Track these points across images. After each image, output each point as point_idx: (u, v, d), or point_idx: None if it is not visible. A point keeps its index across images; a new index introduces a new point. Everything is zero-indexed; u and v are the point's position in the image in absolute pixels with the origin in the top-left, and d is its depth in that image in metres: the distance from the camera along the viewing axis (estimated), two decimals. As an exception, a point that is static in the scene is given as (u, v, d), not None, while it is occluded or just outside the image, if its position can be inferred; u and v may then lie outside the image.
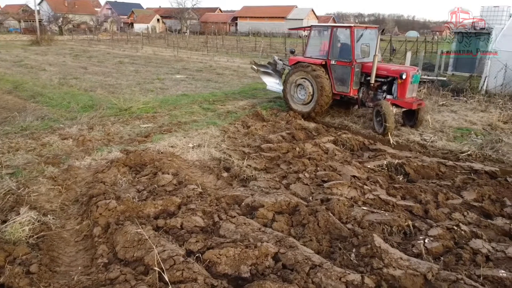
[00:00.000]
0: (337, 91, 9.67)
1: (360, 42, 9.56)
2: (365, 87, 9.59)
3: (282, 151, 7.11)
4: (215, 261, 3.87)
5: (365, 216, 4.83)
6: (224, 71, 21.36)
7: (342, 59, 9.41)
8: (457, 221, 4.79)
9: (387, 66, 9.40)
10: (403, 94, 8.79)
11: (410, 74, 8.72)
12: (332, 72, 9.61)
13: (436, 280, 3.59)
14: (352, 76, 9.26)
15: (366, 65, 9.36)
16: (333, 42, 9.58)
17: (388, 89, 9.24)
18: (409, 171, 6.54)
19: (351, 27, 9.19)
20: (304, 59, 10.09)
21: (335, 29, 9.57)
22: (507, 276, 3.72)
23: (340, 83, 9.58)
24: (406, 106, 8.81)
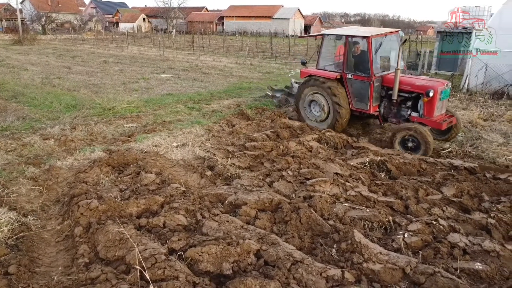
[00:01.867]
0: (355, 108, 8.60)
1: (379, 53, 8.46)
2: (386, 102, 8.50)
3: (266, 149, 7.15)
4: (197, 259, 3.88)
5: (346, 212, 4.89)
6: (210, 70, 21.30)
7: (360, 73, 8.29)
8: (436, 216, 4.89)
9: (411, 80, 8.16)
10: (431, 113, 7.75)
11: (438, 90, 7.63)
12: (349, 87, 8.51)
13: (415, 274, 3.67)
14: (371, 92, 8.16)
15: (387, 77, 8.31)
16: (348, 53, 8.42)
17: (413, 105, 8.17)
18: (391, 168, 6.64)
19: (368, 37, 7.95)
20: (317, 72, 9.01)
21: (350, 38, 8.37)
22: (482, 268, 3.81)
23: (358, 99, 8.52)
24: (435, 126, 7.86)
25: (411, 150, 7.55)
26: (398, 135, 7.70)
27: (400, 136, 7.68)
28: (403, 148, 7.69)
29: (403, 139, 7.66)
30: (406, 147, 7.64)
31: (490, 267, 3.82)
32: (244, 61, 25.73)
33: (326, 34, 9.12)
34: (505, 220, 4.84)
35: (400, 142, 7.70)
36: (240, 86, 15.87)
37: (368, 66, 8.07)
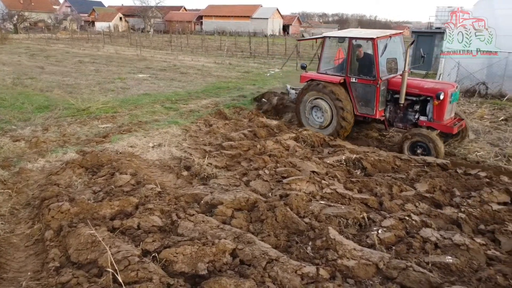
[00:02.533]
0: (360, 113, 8.25)
1: (385, 56, 8.05)
2: (392, 106, 8.18)
3: (243, 148, 7.14)
4: (171, 259, 3.83)
5: (322, 210, 4.93)
6: (188, 70, 21.13)
7: (365, 77, 7.96)
8: (409, 211, 4.99)
9: (420, 83, 7.87)
10: (441, 117, 7.47)
11: (449, 93, 7.36)
12: (353, 91, 8.16)
13: (387, 269, 3.73)
14: (377, 96, 7.82)
15: (393, 80, 8.00)
16: (352, 56, 8.11)
17: (421, 109, 7.86)
18: (366, 165, 6.73)
19: (373, 39, 7.61)
20: (319, 76, 8.61)
21: (353, 41, 8.00)
22: (453, 261, 3.91)
23: (363, 103, 8.16)
24: (446, 131, 7.58)
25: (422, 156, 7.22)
26: (407, 141, 7.45)
27: (410, 143, 7.42)
28: (413, 154, 7.38)
29: (413, 145, 7.42)
30: (415, 153, 7.38)
31: (460, 260, 3.92)
32: (222, 61, 25.63)
33: (327, 37, 8.75)
34: (475, 214, 4.98)
35: (410, 148, 7.46)
36: (219, 85, 15.79)
37: (374, 69, 7.74)
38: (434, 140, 7.09)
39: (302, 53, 30.24)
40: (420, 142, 7.28)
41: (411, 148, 7.44)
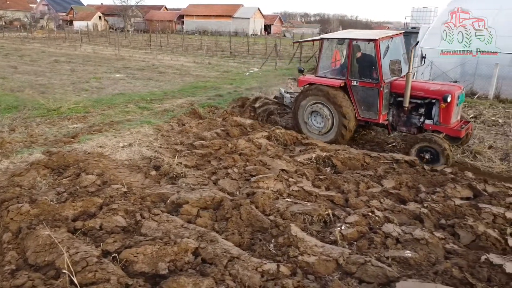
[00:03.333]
0: (362, 117, 7.94)
1: (388, 57, 7.80)
2: (394, 109, 7.91)
3: (214, 147, 7.12)
4: (132, 260, 3.79)
5: (288, 207, 4.96)
6: (167, 69, 20.96)
7: (367, 80, 7.66)
8: (373, 208, 5.06)
9: (425, 86, 7.62)
10: (448, 120, 7.24)
11: (456, 95, 7.12)
12: (354, 95, 7.85)
13: (347, 264, 3.78)
14: (380, 99, 7.52)
15: (395, 83, 7.72)
16: (352, 58, 7.81)
17: (426, 112, 7.61)
18: (336, 163, 6.81)
19: (375, 40, 7.31)
20: (317, 79, 8.23)
21: (354, 42, 7.68)
22: (411, 256, 3.99)
23: (365, 107, 7.84)
24: (454, 134, 7.32)
25: (429, 163, 6.96)
26: (414, 147, 7.15)
27: (417, 148, 7.13)
28: (420, 160, 7.06)
29: (420, 151, 7.12)
30: (422, 158, 7.06)
31: (418, 254, 4.00)
32: (202, 60, 25.51)
33: (326, 39, 8.34)
34: (437, 210, 5.09)
35: (417, 153, 7.15)
36: (196, 85, 15.71)
37: (377, 72, 7.44)
38: (445, 147, 6.78)
39: (282, 53, 30.42)
40: (429, 148, 6.99)
41: (418, 154, 7.14)
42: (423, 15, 21.44)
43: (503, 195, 5.55)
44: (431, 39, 15.79)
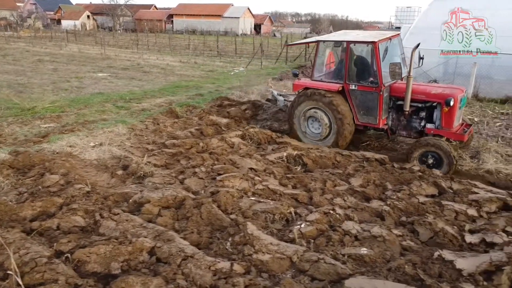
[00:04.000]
0: (361, 122, 7.69)
1: (387, 60, 7.47)
2: (394, 113, 7.69)
3: (185, 147, 7.09)
4: (84, 260, 3.75)
5: (252, 206, 4.95)
6: (151, 69, 20.86)
7: (366, 84, 7.42)
8: (337, 205, 5.08)
9: (426, 89, 7.36)
10: (450, 124, 7.04)
11: (458, 98, 6.93)
12: (353, 99, 7.59)
13: (301, 262, 3.79)
14: (380, 104, 7.29)
15: (395, 86, 7.51)
16: (350, 61, 7.57)
17: (427, 116, 7.41)
18: (307, 162, 6.82)
19: (374, 42, 7.07)
20: (314, 83, 7.92)
21: (352, 45, 7.44)
22: (367, 253, 4.01)
23: (364, 112, 7.59)
24: (455, 139, 7.15)
25: (432, 167, 6.73)
26: (416, 152, 6.92)
27: (419, 153, 6.90)
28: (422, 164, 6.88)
29: (423, 155, 6.89)
30: (424, 163, 6.86)
31: (374, 252, 4.03)
32: (188, 60, 25.43)
33: (322, 41, 8.01)
34: (399, 207, 5.12)
35: (419, 159, 6.93)
36: (179, 84, 15.65)
37: (376, 75, 7.19)
38: (450, 152, 6.56)
39: (270, 52, 30.46)
40: (433, 153, 6.77)
41: (421, 159, 6.92)
42: (407, 15, 21.61)
43: (467, 193, 5.60)
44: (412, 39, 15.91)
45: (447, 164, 6.65)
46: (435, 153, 6.74)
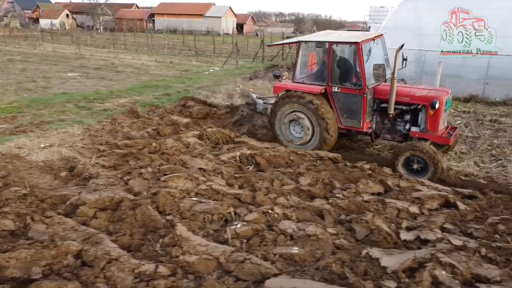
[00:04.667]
0: (344, 126, 7.46)
1: (371, 61, 7.29)
2: (378, 116, 7.47)
3: (138, 147, 6.99)
4: (3, 265, 3.64)
5: (192, 206, 4.90)
6: (125, 68, 20.61)
7: (349, 86, 7.21)
8: (280, 205, 5.06)
9: (410, 91, 7.13)
10: (436, 127, 6.84)
11: (444, 101, 6.75)
12: (336, 102, 7.34)
13: (227, 262, 3.75)
14: (364, 106, 7.05)
15: (379, 88, 7.24)
16: (333, 63, 7.29)
17: (412, 119, 7.19)
18: (259, 161, 6.80)
19: (357, 43, 6.79)
20: (295, 86, 7.63)
21: (334, 45, 7.16)
22: (297, 252, 4.00)
23: (347, 115, 7.35)
24: (441, 142, 6.97)
25: (417, 173, 6.52)
26: (401, 157, 6.61)
27: (404, 158, 6.59)
28: (408, 171, 6.60)
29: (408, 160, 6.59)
30: (410, 169, 6.60)
31: (304, 250, 4.02)
32: (164, 59, 25.20)
33: (303, 42, 7.72)
34: (341, 205, 5.14)
35: (404, 164, 6.63)
36: (148, 84, 15.50)
37: (359, 77, 6.94)
38: (434, 155, 6.32)
39: (249, 52, 30.43)
40: (417, 157, 6.48)
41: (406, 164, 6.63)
42: (380, 15, 21.82)
43: (411, 190, 5.66)
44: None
45: (432, 170, 6.37)
46: (420, 158, 6.46)
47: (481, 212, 5.26)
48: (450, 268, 3.64)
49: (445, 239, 4.37)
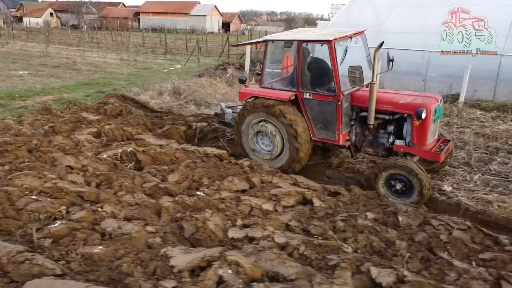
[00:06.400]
0: (318, 138, 6.48)
1: (347, 63, 6.26)
2: (358, 126, 6.48)
3: (17, 144, 6.79)
4: None
5: (27, 204, 4.74)
6: (84, 66, 20.42)
7: (321, 92, 6.25)
8: (126, 203, 4.93)
9: (393, 98, 6.08)
10: (423, 141, 5.81)
11: (432, 109, 5.74)
12: (308, 111, 6.39)
13: (8, 263, 3.59)
14: (339, 116, 6.07)
15: (358, 94, 6.25)
16: (303, 65, 6.36)
17: (396, 130, 6.19)
18: (140, 158, 6.65)
19: (329, 41, 5.84)
20: (263, 91, 6.71)
21: (304, 44, 6.29)
22: (98, 252, 3.86)
23: (321, 126, 6.38)
24: (430, 159, 5.94)
25: (401, 195, 5.68)
26: (381, 175, 5.75)
27: (385, 177, 5.74)
28: (391, 193, 5.75)
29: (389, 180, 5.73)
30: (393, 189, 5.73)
31: (107, 250, 3.88)
32: (129, 57, 25.02)
33: (270, 40, 6.76)
34: (188, 203, 5.00)
35: (386, 184, 5.78)
36: (96, 82, 15.39)
37: (333, 81, 6.00)
38: (418, 174, 5.43)
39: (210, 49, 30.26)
40: (399, 175, 5.61)
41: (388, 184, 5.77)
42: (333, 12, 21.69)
43: (270, 187, 5.54)
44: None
45: (418, 191, 5.45)
46: (404, 177, 5.54)
47: (334, 209, 5.14)
48: (236, 266, 3.50)
49: (270, 237, 4.26)
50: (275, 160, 6.72)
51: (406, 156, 5.90)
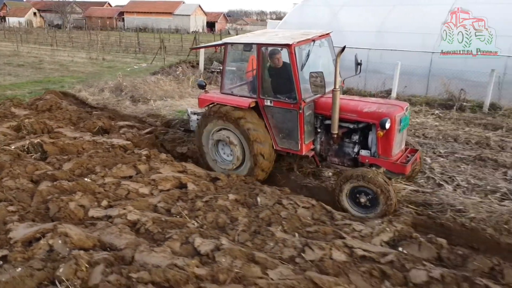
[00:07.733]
0: (280, 147, 6.12)
1: (309, 67, 5.80)
2: (323, 135, 6.15)
3: None
4: None
5: None
6: (49, 65, 20.70)
7: (282, 98, 5.86)
8: (7, 187, 5.27)
9: (357, 105, 5.75)
10: (388, 151, 5.52)
11: (397, 119, 5.41)
12: (269, 119, 6.04)
13: None
14: (301, 124, 5.73)
15: (321, 101, 5.91)
16: (263, 70, 6.01)
17: (361, 140, 5.90)
18: (47, 149, 6.99)
19: (289, 45, 5.50)
20: (222, 98, 6.34)
21: (263, 48, 5.90)
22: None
23: (283, 135, 6.03)
24: (395, 170, 5.55)
25: (366, 208, 5.26)
26: (344, 187, 5.35)
27: (348, 189, 5.33)
28: (355, 206, 5.35)
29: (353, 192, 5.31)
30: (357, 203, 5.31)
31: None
32: (97, 56, 25.27)
33: (229, 43, 6.43)
34: (65, 187, 5.35)
35: (350, 196, 5.36)
36: (48, 79, 15.62)
37: (294, 88, 5.60)
38: (384, 187, 5.03)
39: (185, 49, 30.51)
40: (364, 188, 5.19)
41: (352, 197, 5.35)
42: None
43: (152, 173, 5.92)
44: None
45: (383, 204, 5.06)
46: (369, 190, 5.16)
47: (204, 192, 5.54)
48: (65, 237, 3.89)
49: (124, 215, 4.65)
50: (237, 170, 6.38)
51: (372, 167, 5.55)
